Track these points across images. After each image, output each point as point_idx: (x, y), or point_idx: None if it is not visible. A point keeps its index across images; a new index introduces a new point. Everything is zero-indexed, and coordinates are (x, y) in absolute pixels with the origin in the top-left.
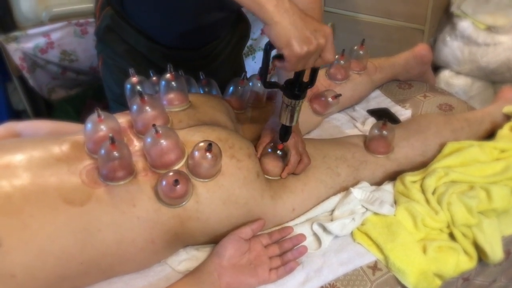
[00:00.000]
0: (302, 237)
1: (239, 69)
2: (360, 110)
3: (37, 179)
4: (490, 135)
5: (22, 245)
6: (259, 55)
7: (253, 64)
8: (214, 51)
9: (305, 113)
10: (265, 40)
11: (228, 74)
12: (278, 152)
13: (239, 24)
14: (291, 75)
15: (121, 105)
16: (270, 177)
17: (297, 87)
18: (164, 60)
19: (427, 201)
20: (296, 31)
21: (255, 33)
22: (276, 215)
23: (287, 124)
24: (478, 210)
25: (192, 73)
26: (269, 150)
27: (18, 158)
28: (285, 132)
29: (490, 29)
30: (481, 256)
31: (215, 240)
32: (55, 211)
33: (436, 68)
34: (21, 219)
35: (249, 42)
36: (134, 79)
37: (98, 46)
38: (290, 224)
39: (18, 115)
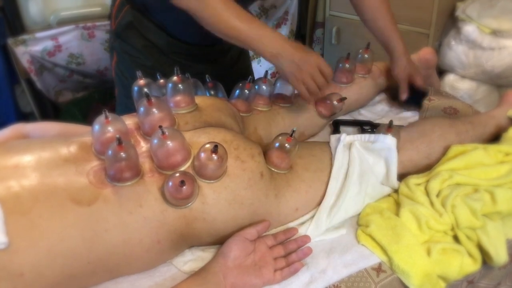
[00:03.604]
0: (306, 238)
1: (248, 66)
2: (366, 114)
3: (46, 179)
4: (494, 138)
5: (31, 244)
6: None
7: (258, 68)
8: (227, 47)
9: (310, 116)
10: None
11: (241, 67)
12: (286, 145)
13: None
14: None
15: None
16: (276, 170)
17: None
18: (183, 55)
19: (432, 203)
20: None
21: None
22: (280, 214)
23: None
24: (483, 212)
25: (208, 66)
26: (276, 144)
27: (27, 158)
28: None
29: (495, 33)
30: (486, 259)
31: (220, 241)
32: (63, 211)
33: (441, 72)
34: (29, 218)
35: None
36: (141, 81)
37: (115, 44)
38: (294, 223)
39: (25, 118)
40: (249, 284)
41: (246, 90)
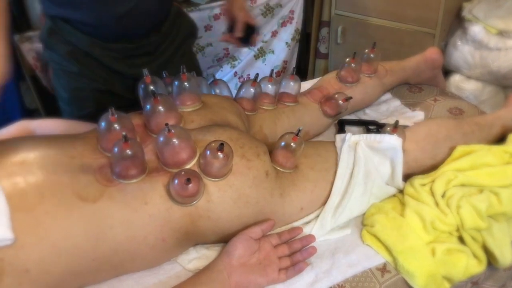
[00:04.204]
0: (311, 237)
1: (192, 68)
2: (371, 113)
3: (51, 176)
4: (500, 139)
5: (36, 241)
6: (269, 57)
7: (263, 67)
8: (158, 49)
9: (315, 115)
10: (275, 43)
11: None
12: (292, 144)
13: (183, 22)
14: None
15: (72, 111)
16: (281, 169)
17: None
18: (107, 57)
19: (437, 204)
20: None
21: (265, 35)
22: (285, 214)
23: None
24: (488, 214)
25: (137, 70)
26: (282, 143)
27: (33, 155)
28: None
29: (501, 33)
30: (491, 260)
31: (225, 239)
32: (69, 208)
33: (447, 72)
34: (35, 215)
35: (260, 45)
36: (147, 79)
37: (45, 53)
38: (299, 222)
39: (30, 114)
40: (253, 283)
41: (251, 89)
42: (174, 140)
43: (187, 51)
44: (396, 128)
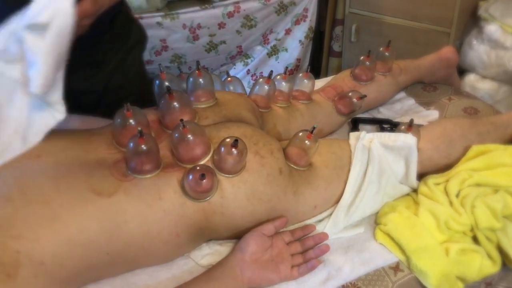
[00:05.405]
0: (324, 235)
1: (140, 79)
2: (384, 112)
3: (67, 171)
4: None
5: (52, 234)
6: (282, 55)
7: (276, 65)
8: (105, 57)
9: (329, 113)
10: (289, 41)
11: (124, 83)
12: (306, 142)
13: (132, 29)
14: None
15: None
16: (295, 167)
17: None
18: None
19: (451, 203)
20: None
21: (279, 33)
22: (298, 212)
23: None
24: (503, 214)
25: (85, 82)
26: (296, 140)
27: (49, 149)
28: None
29: None
30: (505, 261)
31: (238, 235)
32: (84, 202)
33: (461, 71)
34: (51, 208)
35: (273, 42)
36: (163, 75)
37: None
38: (312, 220)
39: None
40: (266, 279)
41: (265, 86)
42: (189, 136)
43: (135, 60)
44: (411, 126)
